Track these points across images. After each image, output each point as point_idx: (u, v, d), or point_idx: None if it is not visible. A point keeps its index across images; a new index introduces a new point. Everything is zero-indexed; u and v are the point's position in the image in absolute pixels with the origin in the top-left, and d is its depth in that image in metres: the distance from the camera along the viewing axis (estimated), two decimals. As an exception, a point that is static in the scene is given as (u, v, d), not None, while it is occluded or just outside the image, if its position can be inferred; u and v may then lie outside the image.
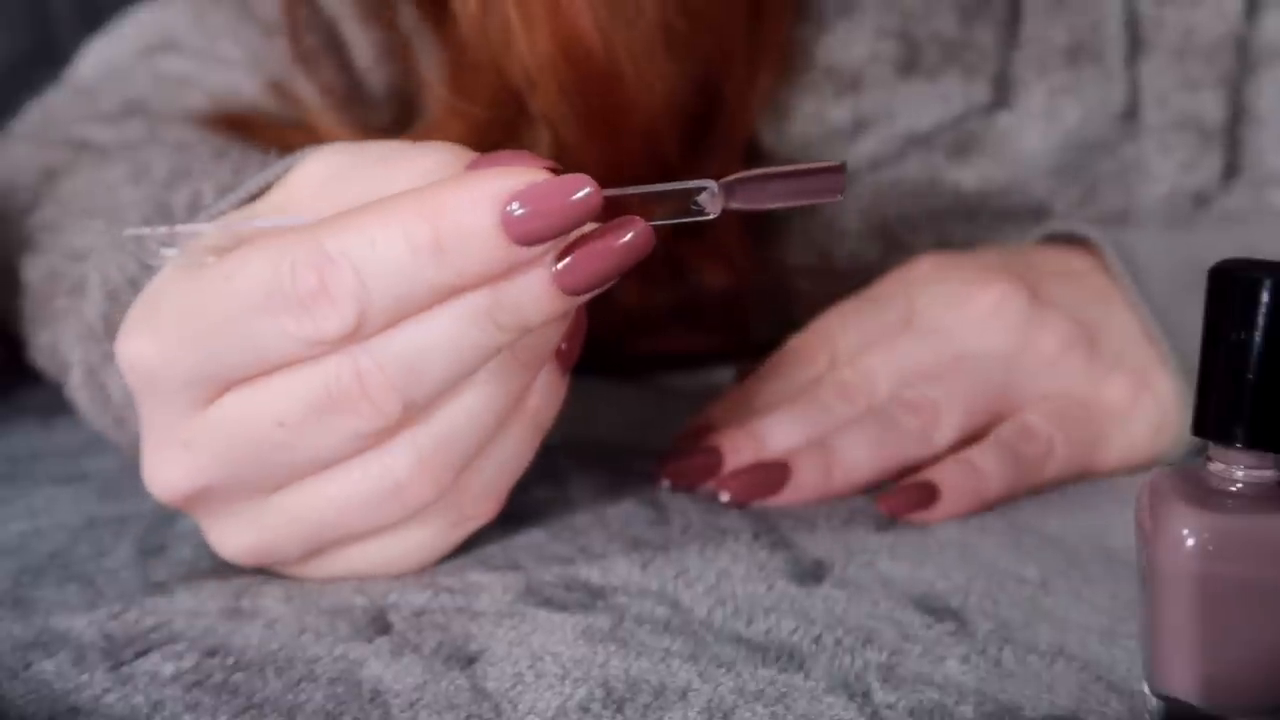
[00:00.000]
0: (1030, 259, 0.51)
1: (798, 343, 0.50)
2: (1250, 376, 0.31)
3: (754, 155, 0.59)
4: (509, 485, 0.40)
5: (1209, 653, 0.31)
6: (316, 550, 0.39)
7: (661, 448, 0.48)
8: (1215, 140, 0.59)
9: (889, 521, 0.44)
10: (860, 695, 0.34)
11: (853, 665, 0.35)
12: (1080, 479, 0.48)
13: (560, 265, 0.34)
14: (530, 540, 0.42)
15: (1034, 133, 0.59)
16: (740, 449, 0.47)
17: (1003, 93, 0.59)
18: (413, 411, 0.36)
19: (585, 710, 0.33)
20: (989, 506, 0.46)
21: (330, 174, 0.37)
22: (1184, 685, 0.31)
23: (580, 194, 0.33)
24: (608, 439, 0.51)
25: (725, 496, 0.46)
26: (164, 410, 0.37)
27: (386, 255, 0.33)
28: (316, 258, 0.34)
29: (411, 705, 0.33)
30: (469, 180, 0.34)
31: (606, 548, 0.42)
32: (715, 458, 0.47)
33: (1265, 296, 0.30)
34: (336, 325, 0.34)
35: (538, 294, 0.34)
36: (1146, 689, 0.33)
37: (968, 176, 0.59)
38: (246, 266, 0.35)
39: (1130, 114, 0.59)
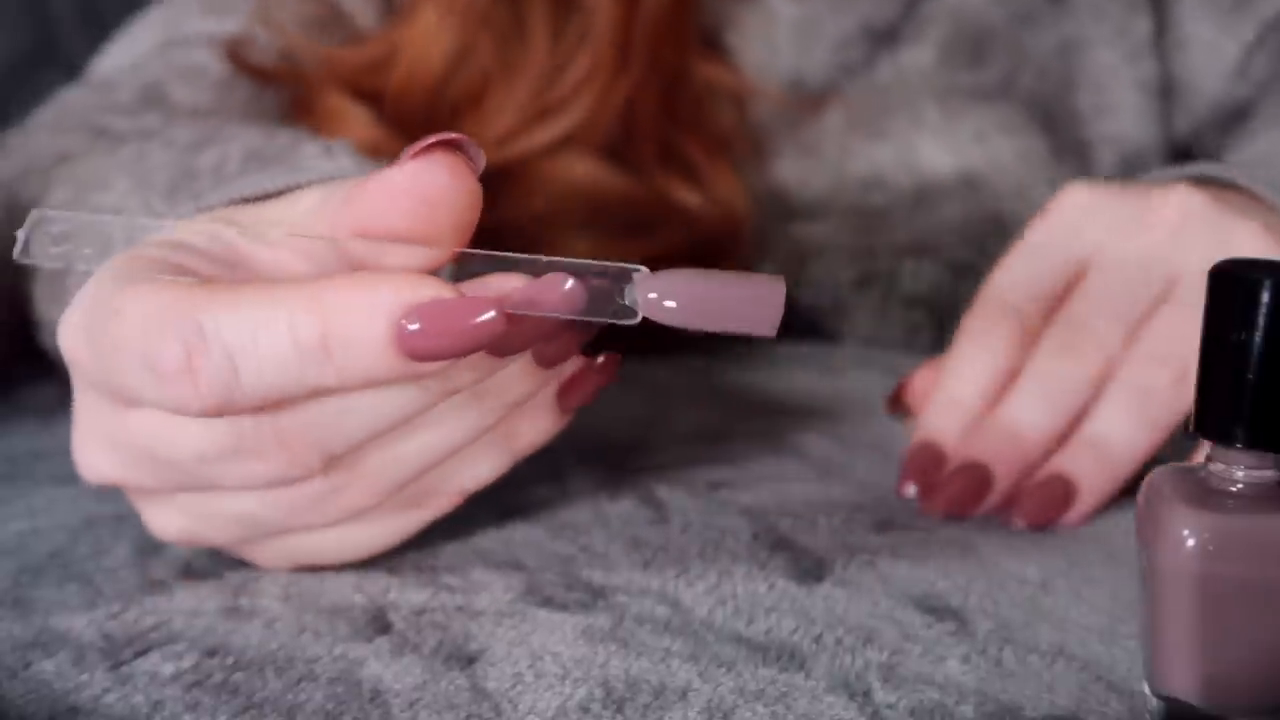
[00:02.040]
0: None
1: (975, 320, 0.46)
2: (1251, 377, 0.31)
3: (709, 45, 0.63)
4: (471, 490, 0.39)
5: (1209, 653, 0.31)
6: (251, 539, 0.38)
7: (662, 447, 0.48)
8: (1140, 6, 0.65)
9: (889, 521, 0.44)
10: (860, 695, 0.34)
11: (853, 665, 0.35)
12: None
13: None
14: (530, 539, 0.42)
15: None
16: (1001, 455, 0.43)
17: None
18: (339, 459, 0.35)
19: (585, 710, 0.33)
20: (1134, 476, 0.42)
21: (310, 209, 0.36)
22: (1184, 685, 0.31)
23: (482, 318, 0.31)
24: (608, 437, 0.51)
25: (1020, 523, 0.43)
26: (92, 399, 0.36)
27: (267, 347, 0.31)
28: (188, 331, 0.32)
29: (411, 705, 0.33)
30: (368, 284, 0.31)
31: (607, 547, 0.42)
32: (982, 474, 0.43)
33: (1265, 297, 0.30)
34: (196, 405, 0.32)
35: (470, 359, 0.33)
36: (1147, 689, 0.33)
37: (925, 54, 0.63)
38: (128, 313, 0.33)
39: None
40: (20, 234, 0.34)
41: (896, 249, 0.65)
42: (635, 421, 0.54)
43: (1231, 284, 0.31)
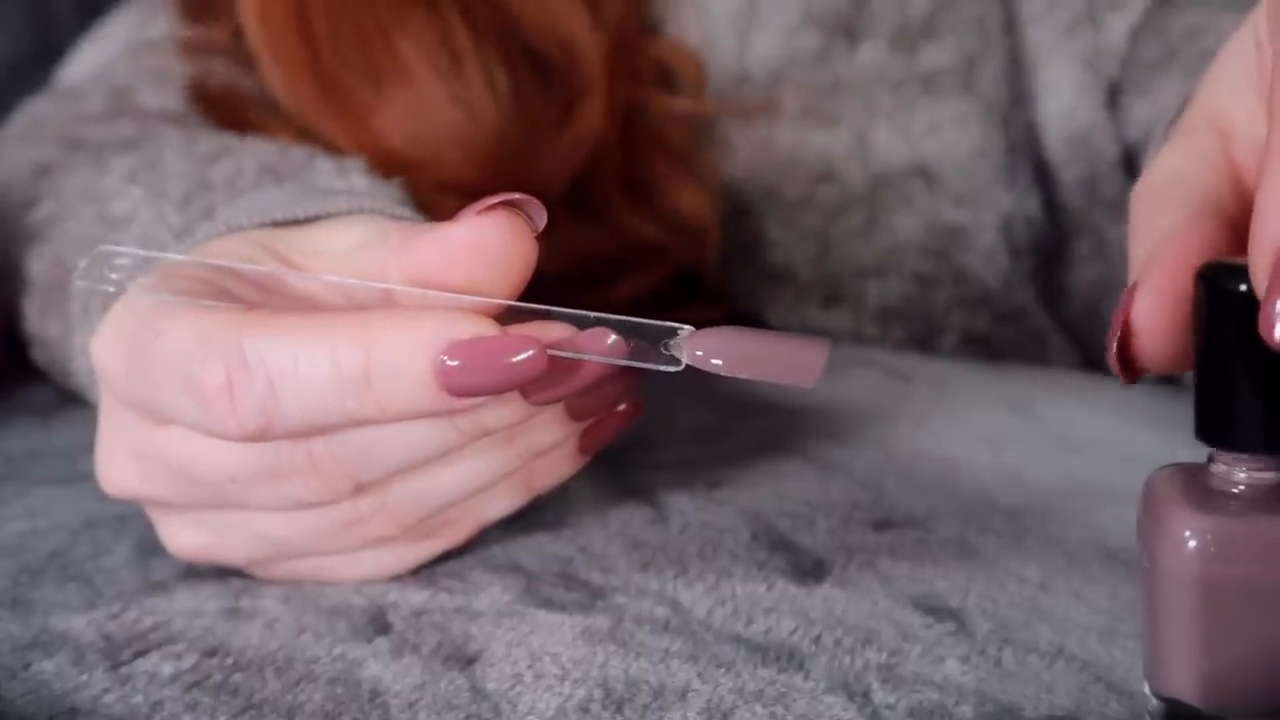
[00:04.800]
0: None
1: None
2: (1247, 382, 0.30)
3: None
4: (487, 524, 0.40)
5: (1210, 654, 0.31)
6: (270, 560, 0.38)
7: (661, 447, 0.48)
8: None
9: (888, 521, 0.44)
10: (860, 695, 0.34)
11: (852, 665, 0.35)
12: None
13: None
14: (530, 540, 0.42)
15: None
16: None
17: None
18: (368, 487, 0.35)
19: (585, 711, 0.33)
20: None
21: (355, 245, 0.36)
22: (1184, 686, 0.31)
23: (522, 356, 0.32)
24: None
25: None
26: (122, 412, 0.36)
27: (308, 375, 0.32)
28: (231, 356, 0.32)
29: (411, 705, 0.33)
30: (412, 318, 0.32)
31: (606, 548, 0.42)
32: None
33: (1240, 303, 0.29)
34: (234, 429, 0.33)
35: (499, 402, 0.33)
36: (1147, 689, 0.32)
37: (880, 46, 0.61)
38: (171, 334, 0.33)
39: None
40: (82, 263, 0.35)
41: (859, 270, 0.63)
42: (635, 421, 0.54)
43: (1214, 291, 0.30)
